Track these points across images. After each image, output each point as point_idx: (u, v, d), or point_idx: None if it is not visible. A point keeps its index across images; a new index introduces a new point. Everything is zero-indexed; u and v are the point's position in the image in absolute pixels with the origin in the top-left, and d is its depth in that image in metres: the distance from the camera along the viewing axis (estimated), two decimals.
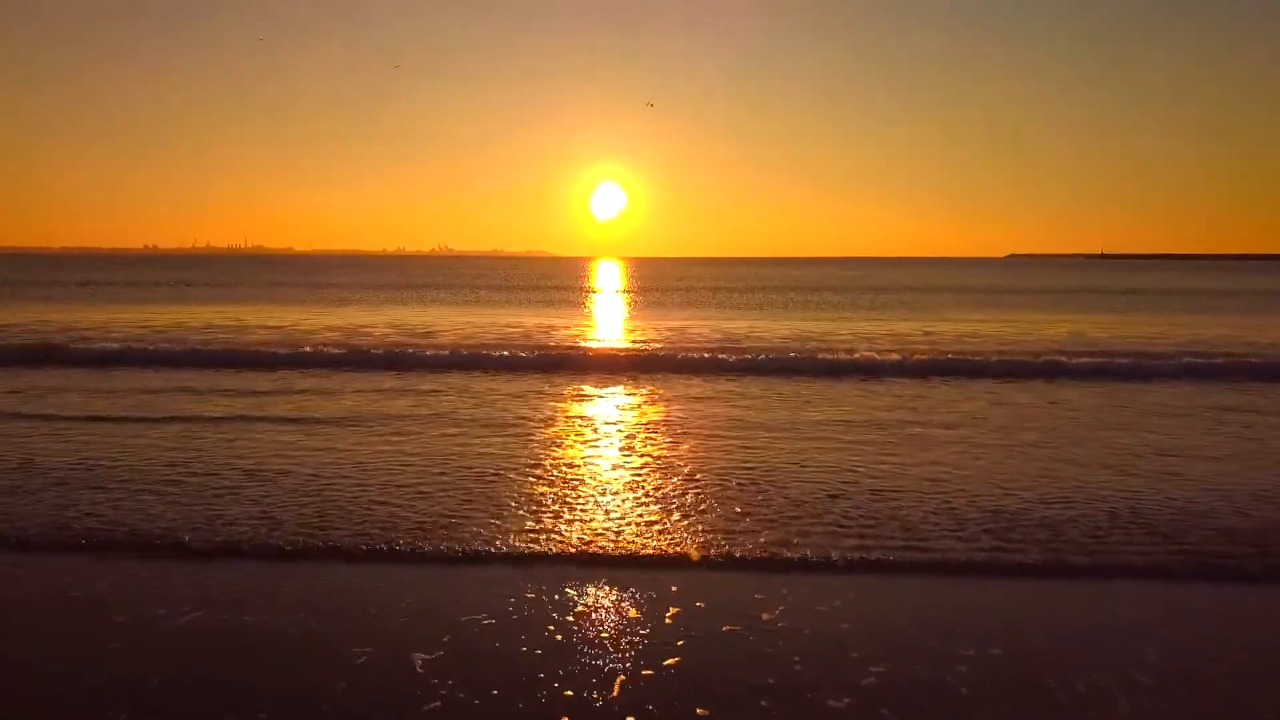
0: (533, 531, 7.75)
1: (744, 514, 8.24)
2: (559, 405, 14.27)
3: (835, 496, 8.76)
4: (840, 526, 7.85)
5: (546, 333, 26.13)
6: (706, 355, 19.41)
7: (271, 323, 28.80)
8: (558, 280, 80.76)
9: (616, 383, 16.42)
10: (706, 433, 12.03)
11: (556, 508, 8.43)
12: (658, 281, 77.53)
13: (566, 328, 28.64)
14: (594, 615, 5.99)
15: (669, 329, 27.79)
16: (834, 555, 7.00)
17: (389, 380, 16.57)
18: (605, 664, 5.26)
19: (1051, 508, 8.40)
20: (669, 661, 5.29)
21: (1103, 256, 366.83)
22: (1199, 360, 18.44)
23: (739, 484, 9.22)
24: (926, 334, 25.90)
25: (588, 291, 58.67)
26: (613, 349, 21.86)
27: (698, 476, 9.55)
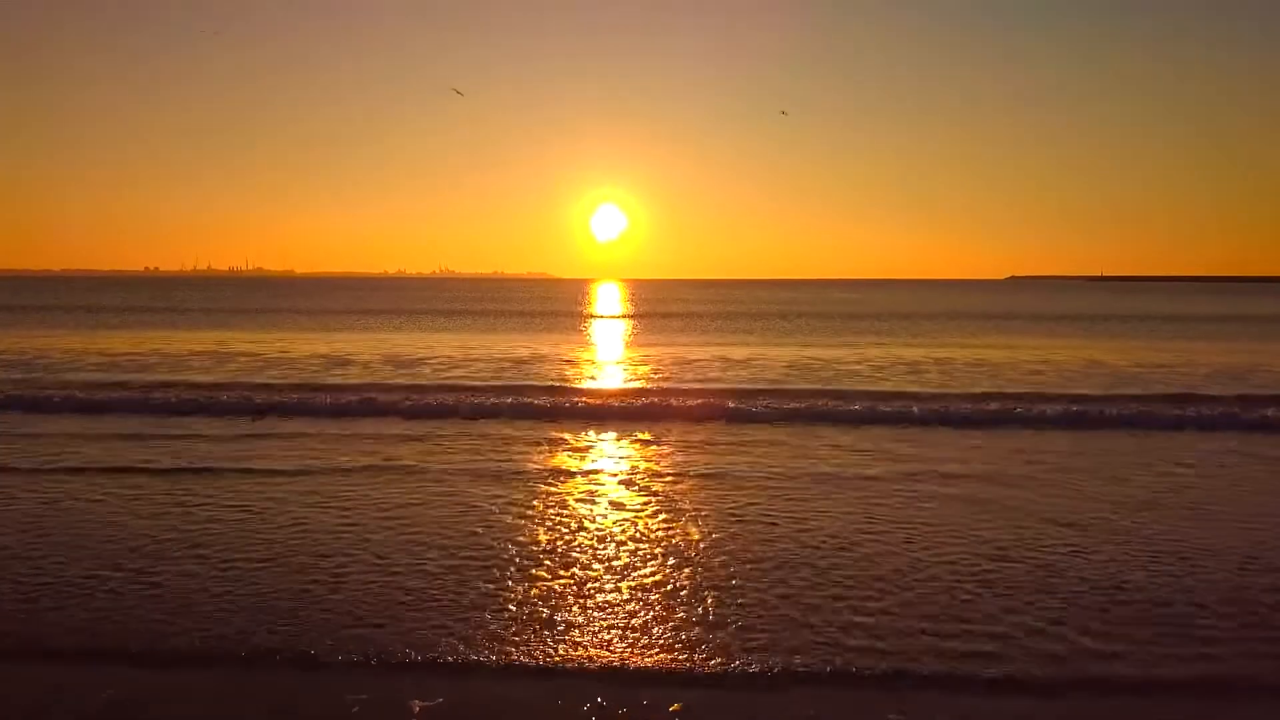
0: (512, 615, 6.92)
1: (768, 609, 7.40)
2: (536, 458, 13.41)
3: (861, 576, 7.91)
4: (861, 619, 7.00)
5: (539, 363, 25.32)
6: (717, 402, 16.51)
7: (257, 349, 28.02)
8: (557, 304, 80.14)
9: (608, 431, 14.49)
10: (719, 496, 11.18)
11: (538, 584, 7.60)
12: (658, 305, 76.85)
13: (560, 358, 27.78)
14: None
15: (670, 359, 26.99)
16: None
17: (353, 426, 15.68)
18: None
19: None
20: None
21: (1102, 278, 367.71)
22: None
23: (768, 565, 8.37)
24: (938, 362, 25.07)
25: (587, 317, 57.89)
26: (604, 390, 18.98)
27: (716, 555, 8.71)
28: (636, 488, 10.53)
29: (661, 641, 6.11)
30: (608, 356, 28.05)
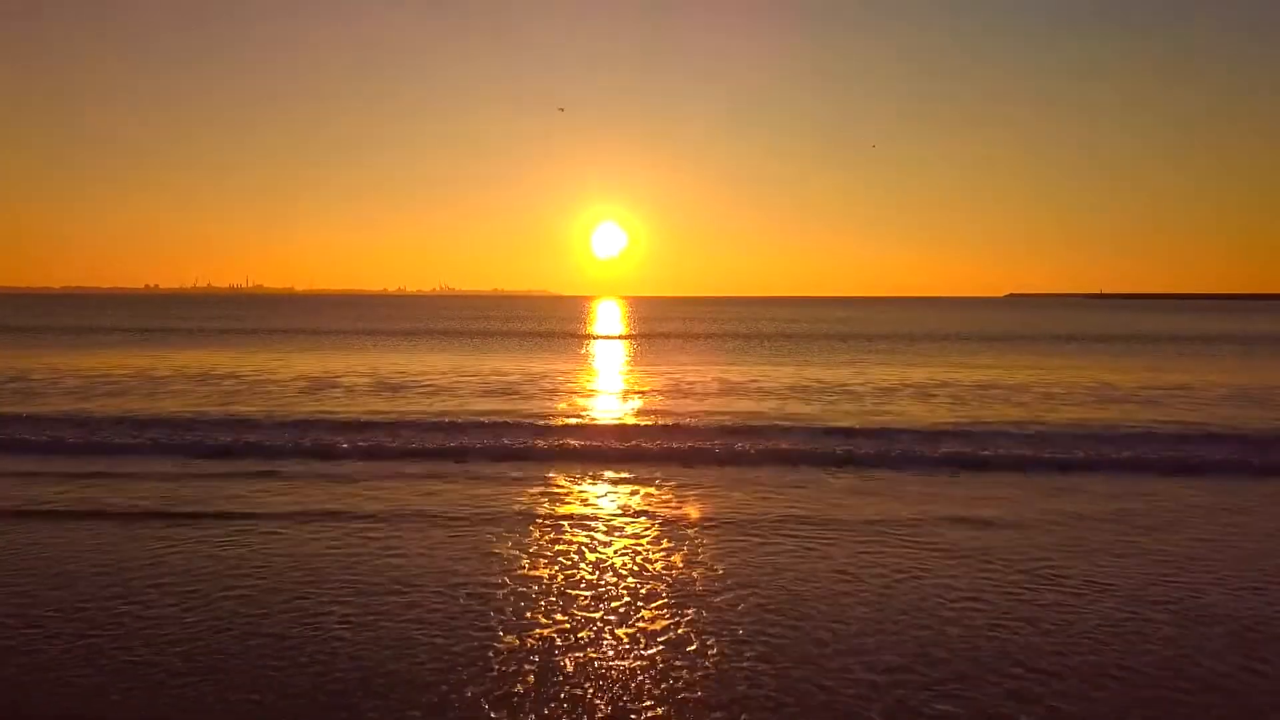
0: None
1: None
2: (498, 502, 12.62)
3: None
4: None
5: (528, 388, 24.59)
6: (715, 443, 14.63)
7: (245, 370, 27.28)
8: (555, 323, 79.45)
9: (590, 475, 12.91)
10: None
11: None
12: (656, 324, 76.14)
13: (551, 382, 27.03)
14: None
15: (667, 382, 26.26)
16: None
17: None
18: None
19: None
20: None
21: (1100, 296, 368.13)
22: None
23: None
24: (943, 384, 24.31)
25: (584, 337, 57.13)
26: (591, 426, 16.78)
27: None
28: (614, 546, 9.75)
29: None
30: (601, 380, 27.23)
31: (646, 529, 9.68)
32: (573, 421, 17.35)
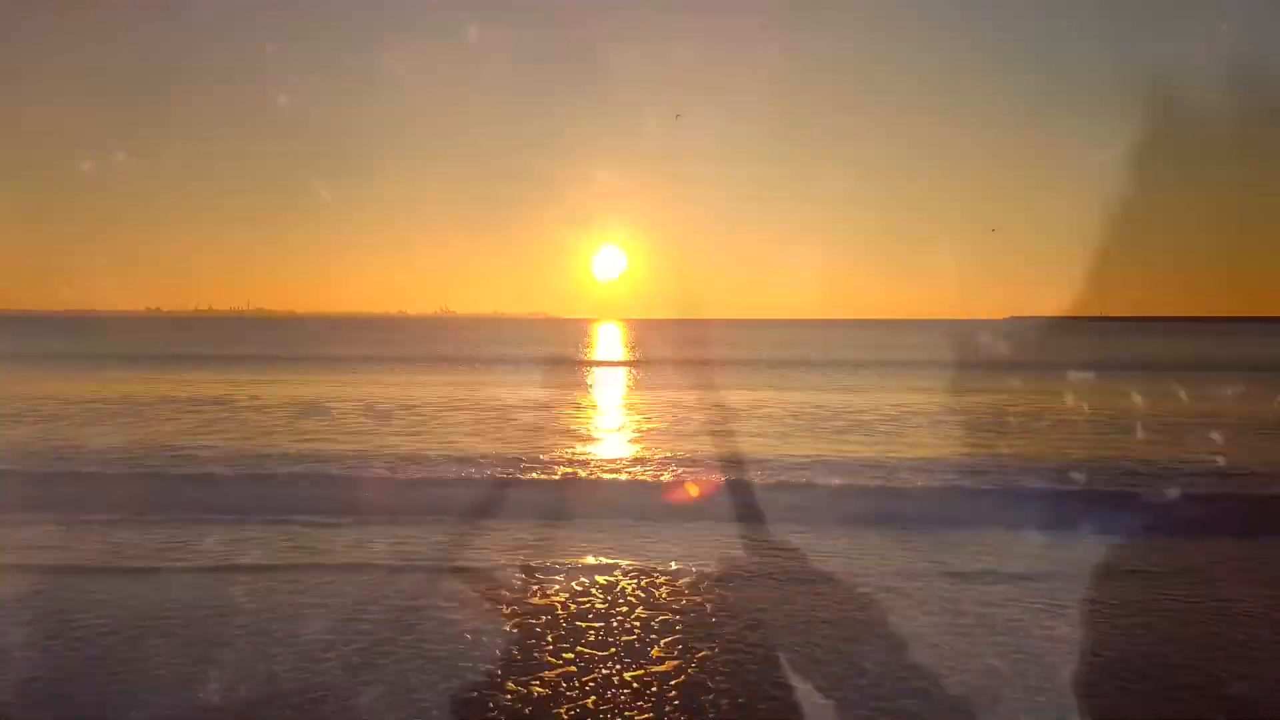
0: None
1: None
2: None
3: None
4: None
5: (518, 416, 24.26)
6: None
7: (235, 396, 26.95)
8: (553, 346, 79.10)
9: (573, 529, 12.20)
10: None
11: None
12: (655, 347, 75.77)
13: (543, 412, 26.74)
14: None
15: (664, 409, 25.94)
16: None
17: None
18: None
19: None
20: None
21: (1105, 319, 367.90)
22: None
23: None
24: (953, 410, 23.98)
25: (582, 363, 56.84)
26: (584, 462, 15.53)
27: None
28: (611, 594, 9.39)
29: None
30: (598, 411, 26.64)
31: (648, 579, 9.25)
32: (567, 460, 16.38)
